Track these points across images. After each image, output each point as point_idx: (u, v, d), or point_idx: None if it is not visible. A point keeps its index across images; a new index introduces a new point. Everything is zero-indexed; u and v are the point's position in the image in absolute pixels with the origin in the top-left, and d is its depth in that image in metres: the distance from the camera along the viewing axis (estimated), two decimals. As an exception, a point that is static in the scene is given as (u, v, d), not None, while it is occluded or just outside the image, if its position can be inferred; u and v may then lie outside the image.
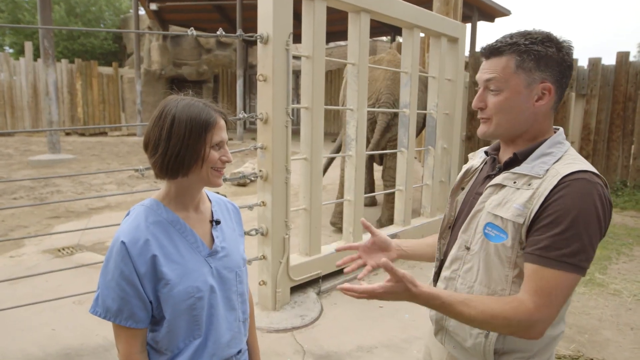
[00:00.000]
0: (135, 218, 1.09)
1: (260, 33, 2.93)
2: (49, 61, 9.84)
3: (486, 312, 1.01)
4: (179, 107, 1.07)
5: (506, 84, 1.08)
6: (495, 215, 1.08)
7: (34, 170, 9.03)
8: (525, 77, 1.07)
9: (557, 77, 1.08)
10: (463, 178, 1.29)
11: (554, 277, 0.98)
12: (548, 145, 1.10)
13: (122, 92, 16.54)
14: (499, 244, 1.07)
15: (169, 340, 1.10)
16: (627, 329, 3.11)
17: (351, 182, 3.87)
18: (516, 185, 1.07)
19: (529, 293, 1.00)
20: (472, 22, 14.18)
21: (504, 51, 1.09)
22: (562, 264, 0.98)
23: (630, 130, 7.45)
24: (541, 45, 1.06)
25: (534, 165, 1.07)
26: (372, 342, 2.88)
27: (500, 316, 1.00)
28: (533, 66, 1.06)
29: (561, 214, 0.98)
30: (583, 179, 1.00)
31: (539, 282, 0.99)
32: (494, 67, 1.09)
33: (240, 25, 13.53)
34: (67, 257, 4.24)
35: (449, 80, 4.89)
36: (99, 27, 22.15)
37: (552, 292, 0.98)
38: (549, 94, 1.08)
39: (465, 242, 1.15)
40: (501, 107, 1.10)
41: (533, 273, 1.01)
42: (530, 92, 1.08)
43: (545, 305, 0.98)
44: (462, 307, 1.02)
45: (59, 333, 2.87)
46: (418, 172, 7.36)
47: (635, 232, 5.45)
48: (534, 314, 0.98)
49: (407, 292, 1.02)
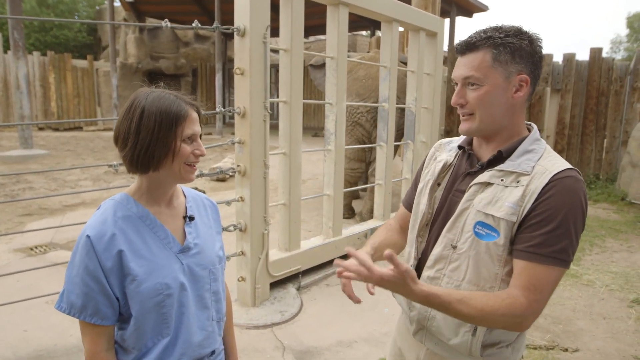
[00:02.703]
0: (103, 212, 1.06)
1: (237, 25, 2.88)
2: (19, 53, 9.53)
3: (484, 310, 1.02)
4: (148, 100, 1.04)
5: (485, 78, 1.09)
6: (486, 214, 1.08)
7: (5, 167, 8.75)
8: (503, 70, 1.08)
9: (531, 68, 1.10)
10: (439, 174, 1.26)
11: (545, 272, 1.02)
12: (529, 142, 1.12)
13: (98, 86, 16.16)
14: (491, 242, 1.08)
15: (136, 338, 1.07)
16: (599, 319, 3.19)
17: (330, 177, 3.85)
18: (504, 182, 1.08)
19: (520, 289, 1.03)
20: (451, 17, 14.30)
21: (479, 46, 1.09)
22: (554, 260, 1.01)
23: (603, 124, 7.64)
24: (515, 38, 1.08)
25: (520, 163, 1.09)
26: (352, 337, 2.88)
27: (497, 313, 1.02)
28: (509, 59, 1.08)
29: (552, 212, 1.01)
30: (571, 177, 1.04)
31: (531, 278, 1.02)
32: (472, 63, 1.10)
33: (219, 18, 13.35)
34: (40, 256, 4.12)
35: (428, 75, 4.91)
36: (72, 18, 21.54)
37: (543, 288, 1.02)
38: (526, 85, 1.10)
39: (451, 241, 1.15)
40: (483, 102, 1.10)
41: (525, 269, 1.03)
42: (508, 85, 1.09)
43: (537, 300, 1.02)
44: (461, 306, 1.03)
45: (31, 334, 2.79)
46: (398, 166, 7.40)
47: (607, 224, 5.60)
48: (528, 309, 1.01)
49: (405, 287, 1.01)
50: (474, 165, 1.18)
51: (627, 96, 7.51)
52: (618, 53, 35.33)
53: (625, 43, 35.61)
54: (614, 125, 7.58)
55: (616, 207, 6.48)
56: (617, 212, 6.25)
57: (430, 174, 1.29)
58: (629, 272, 4.05)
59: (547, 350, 2.76)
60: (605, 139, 7.70)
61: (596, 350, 2.79)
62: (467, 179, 1.18)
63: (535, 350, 2.76)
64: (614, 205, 6.57)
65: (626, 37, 35.50)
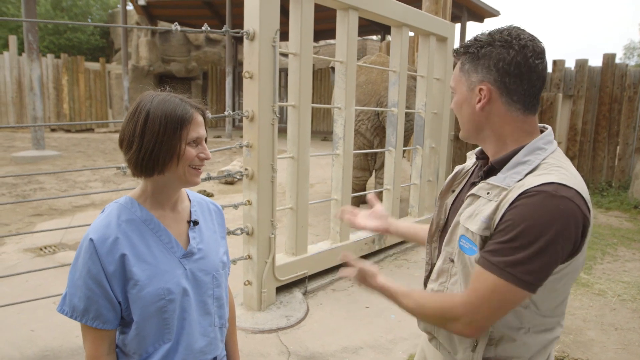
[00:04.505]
0: (107, 215, 1.06)
1: (247, 29, 2.88)
2: (33, 56, 9.66)
3: (419, 303, 1.09)
4: (153, 103, 1.04)
5: (456, 87, 1.11)
6: (467, 228, 1.05)
7: (18, 167, 8.86)
8: (466, 79, 1.08)
9: (496, 77, 1.02)
10: (453, 180, 1.25)
11: (489, 280, 0.97)
12: (524, 153, 1.03)
13: (110, 88, 16.32)
14: (472, 257, 1.04)
15: (137, 343, 1.06)
16: (611, 329, 3.13)
17: (339, 182, 3.84)
18: (489, 196, 1.03)
19: (466, 290, 1.04)
20: (462, 22, 14.24)
21: (458, 54, 1.12)
22: (500, 271, 0.95)
23: (615, 131, 7.53)
24: (487, 47, 1.03)
25: (506, 176, 1.03)
26: (358, 343, 2.85)
27: (429, 306, 1.07)
28: (470, 68, 1.07)
29: (511, 223, 0.94)
30: (545, 191, 0.93)
31: (475, 282, 1.00)
32: (454, 71, 1.14)
33: (230, 22, 13.42)
34: (48, 256, 4.15)
35: (438, 80, 4.88)
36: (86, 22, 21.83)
37: (484, 295, 0.97)
38: (488, 95, 1.04)
39: (449, 255, 1.13)
40: (456, 109, 1.13)
41: (475, 273, 1.01)
42: (471, 94, 1.07)
43: (472, 303, 0.99)
44: (403, 299, 1.12)
45: (38, 334, 2.80)
46: (406, 171, 7.36)
47: (619, 232, 5.51)
48: (458, 308, 1.01)
49: (366, 282, 1.19)
50: (479, 176, 1.16)
51: (641, 103, 7.41)
52: (631, 59, 34.93)
53: (639, 49, 35.22)
54: (627, 132, 7.47)
55: (629, 215, 6.38)
56: (630, 220, 6.15)
57: (448, 181, 1.28)
58: (641, 282, 3.97)
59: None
60: (617, 145, 7.59)
61: (607, 361, 2.73)
62: (471, 188, 1.15)
63: (545, 360, 2.71)
64: (626, 213, 6.46)
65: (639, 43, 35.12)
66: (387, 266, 4.21)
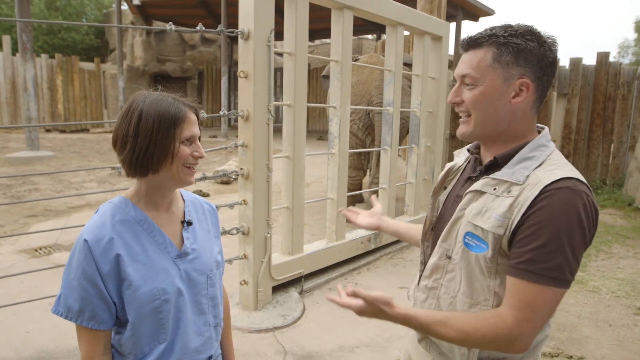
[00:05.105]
0: (101, 216, 1.06)
1: (242, 29, 2.89)
2: (27, 56, 9.60)
3: (463, 331, 0.98)
4: (146, 102, 1.03)
5: (482, 78, 1.02)
6: (475, 225, 1.03)
7: (12, 168, 8.81)
8: (502, 71, 1.01)
9: (537, 73, 1.02)
10: (445, 177, 1.24)
11: (536, 291, 0.94)
12: (530, 149, 1.04)
13: (105, 89, 16.25)
14: (480, 254, 1.02)
15: (132, 344, 1.06)
16: (605, 326, 3.15)
17: (334, 181, 3.84)
18: (496, 192, 1.02)
19: (510, 307, 0.97)
20: (457, 22, 14.28)
21: (482, 43, 1.03)
22: (545, 278, 0.93)
23: (609, 129, 7.58)
24: (521, 39, 1.00)
25: (514, 171, 1.01)
26: (354, 342, 2.86)
27: (477, 334, 0.97)
28: (511, 60, 1.01)
29: (542, 226, 0.93)
30: (566, 187, 0.94)
31: (521, 296, 0.96)
32: (471, 61, 1.04)
33: (225, 21, 13.40)
34: (44, 257, 4.13)
35: (433, 79, 4.90)
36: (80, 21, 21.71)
37: (534, 307, 0.95)
38: (526, 91, 1.02)
39: (446, 251, 1.11)
40: (477, 103, 1.04)
41: (514, 287, 0.97)
42: (507, 88, 1.02)
43: (526, 319, 0.95)
44: (440, 327, 1.00)
45: (34, 335, 2.79)
46: (402, 170, 7.38)
47: (613, 230, 5.55)
48: (515, 329, 0.95)
49: (382, 313, 1.03)
50: (476, 171, 1.13)
51: (635, 101, 7.45)
52: (626, 57, 35.12)
53: (633, 47, 35.41)
54: (621, 130, 7.52)
55: (623, 212, 6.42)
56: (624, 217, 6.19)
57: (440, 178, 1.26)
58: (635, 279, 4.00)
59: (552, 357, 2.73)
60: (612, 143, 7.63)
61: (602, 358, 2.75)
62: (467, 184, 1.13)
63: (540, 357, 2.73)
64: (620, 210, 6.50)
65: (634, 41, 35.31)
66: (382, 265, 4.22)
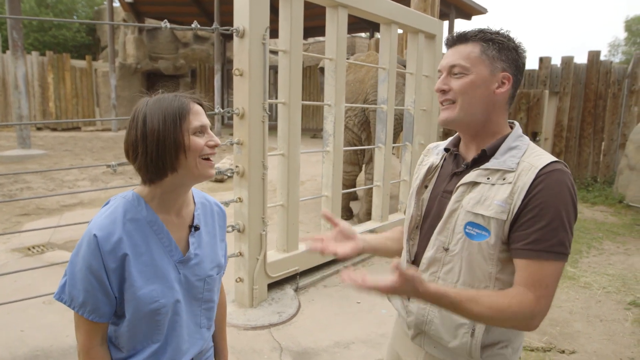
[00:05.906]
0: (113, 211, 1.04)
1: (237, 27, 2.88)
2: (17, 53, 9.51)
3: (494, 308, 1.01)
4: (148, 105, 1.03)
5: (472, 67, 1.11)
6: (476, 213, 1.08)
7: (3, 166, 8.73)
8: (489, 63, 1.11)
9: (514, 71, 1.13)
10: (426, 176, 1.28)
11: (546, 267, 1.02)
12: (513, 139, 1.14)
13: (96, 86, 16.11)
14: (482, 242, 1.08)
15: (127, 339, 1.07)
16: (596, 321, 3.20)
17: (329, 178, 3.86)
18: (490, 181, 1.09)
19: (526, 286, 1.03)
20: (450, 20, 14.33)
21: (469, 38, 1.13)
22: (552, 254, 1.02)
23: (600, 127, 7.66)
24: (504, 38, 1.13)
25: (505, 160, 1.10)
26: (350, 338, 2.88)
27: (508, 311, 1.01)
28: (496, 55, 1.11)
29: (544, 207, 1.02)
30: (557, 170, 1.05)
31: (534, 276, 1.02)
32: (460, 53, 1.13)
33: (219, 19, 13.35)
34: (37, 256, 4.11)
35: (427, 77, 4.92)
36: (71, 19, 21.51)
37: (548, 283, 1.02)
38: (508, 83, 1.12)
39: (442, 244, 1.15)
40: (465, 90, 1.11)
41: (526, 267, 1.03)
42: (492, 79, 1.11)
43: (544, 296, 1.02)
44: (471, 305, 1.02)
45: (28, 334, 2.78)
46: (396, 168, 7.41)
47: (604, 227, 5.62)
48: (536, 307, 1.02)
49: (414, 291, 1.02)
50: (460, 166, 1.19)
51: (625, 99, 7.54)
52: (616, 56, 35.48)
53: (624, 46, 35.76)
54: (611, 128, 7.60)
55: (614, 209, 6.50)
56: (615, 214, 6.27)
57: (418, 177, 1.30)
58: (625, 275, 4.06)
59: (544, 352, 2.77)
60: (603, 141, 7.72)
61: (593, 352, 2.80)
62: (454, 179, 1.18)
63: (532, 352, 2.76)
64: (611, 207, 6.58)
65: (624, 40, 35.67)
66: (377, 262, 4.24)
